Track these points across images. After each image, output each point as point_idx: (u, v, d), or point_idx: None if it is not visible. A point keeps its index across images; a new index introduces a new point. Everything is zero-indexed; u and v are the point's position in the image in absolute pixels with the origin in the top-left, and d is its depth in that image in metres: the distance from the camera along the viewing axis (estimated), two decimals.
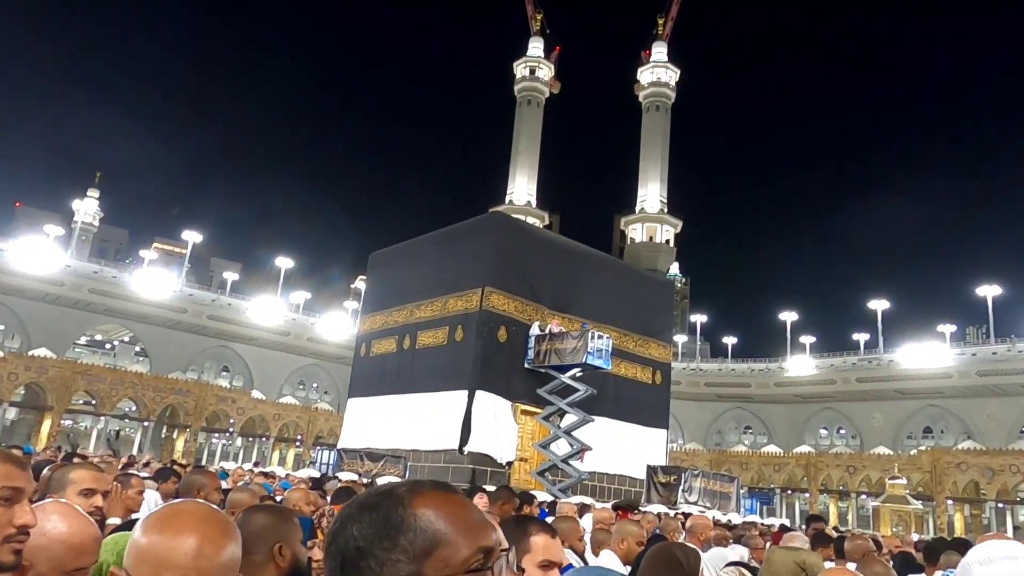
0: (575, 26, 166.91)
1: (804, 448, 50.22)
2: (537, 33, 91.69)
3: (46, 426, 41.35)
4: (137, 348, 57.99)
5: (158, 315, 51.63)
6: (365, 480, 14.90)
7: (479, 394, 18.77)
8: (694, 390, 58.00)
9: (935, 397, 49.05)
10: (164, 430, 47.07)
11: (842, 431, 56.12)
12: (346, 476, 14.73)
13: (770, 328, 59.70)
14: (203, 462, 42.10)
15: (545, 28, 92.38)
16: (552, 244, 22.58)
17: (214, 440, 52.00)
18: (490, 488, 7.95)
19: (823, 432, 57.37)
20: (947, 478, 39.59)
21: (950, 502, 40.55)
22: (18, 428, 47.65)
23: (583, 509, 10.38)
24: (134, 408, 44.96)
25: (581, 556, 5.07)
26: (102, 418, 44.07)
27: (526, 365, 19.73)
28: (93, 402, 43.23)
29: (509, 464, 18.88)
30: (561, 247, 23.14)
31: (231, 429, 47.94)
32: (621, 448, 21.16)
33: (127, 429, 50.46)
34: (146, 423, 44.53)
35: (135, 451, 41.39)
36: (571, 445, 18.39)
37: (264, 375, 56.42)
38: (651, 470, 19.48)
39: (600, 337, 18.60)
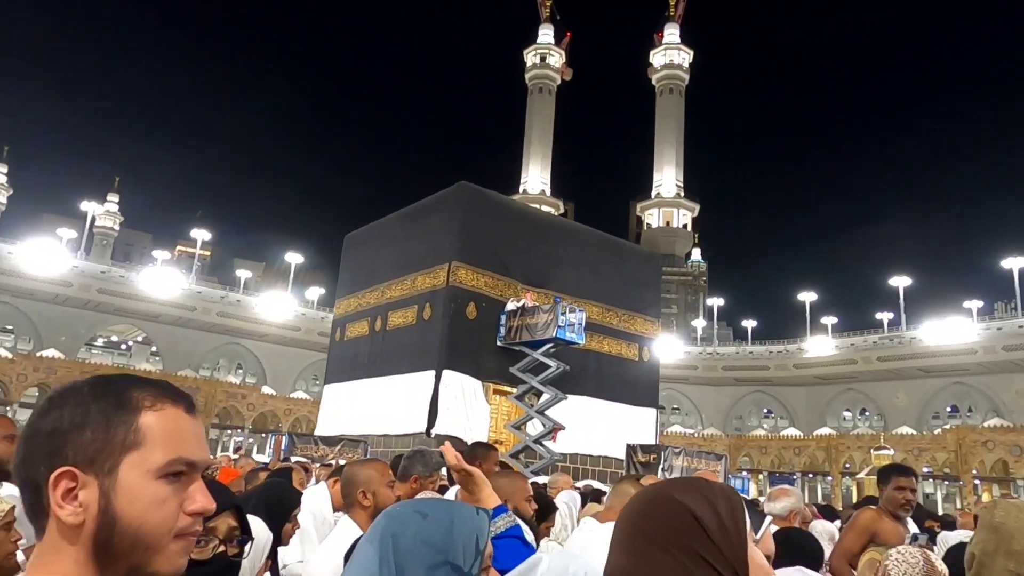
0: (585, 11, 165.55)
1: (825, 430, 48.68)
2: (547, 20, 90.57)
3: None
4: (153, 348, 58.25)
5: (168, 313, 51.76)
6: (316, 464, 14.30)
7: (446, 373, 17.97)
8: (712, 374, 56.71)
9: (960, 374, 47.20)
10: None
11: (866, 412, 54.41)
12: (296, 460, 14.12)
13: (791, 310, 58.13)
14: (216, 455, 42.24)
15: (555, 14, 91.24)
16: (525, 216, 21.65)
17: (227, 435, 52.01)
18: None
19: (847, 414, 55.67)
20: (973, 457, 37.97)
21: (978, 482, 38.97)
22: None
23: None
24: None
25: (529, 523, 4.07)
26: None
27: (498, 343, 18.90)
28: None
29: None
30: (536, 220, 22.25)
31: (247, 425, 47.85)
32: (604, 428, 20.24)
33: None
34: None
35: None
36: (544, 425, 17.56)
37: (276, 371, 56.33)
38: (630, 449, 18.57)
39: (572, 311, 17.70)
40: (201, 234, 57.12)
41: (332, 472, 6.50)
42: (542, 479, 10.50)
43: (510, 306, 19.01)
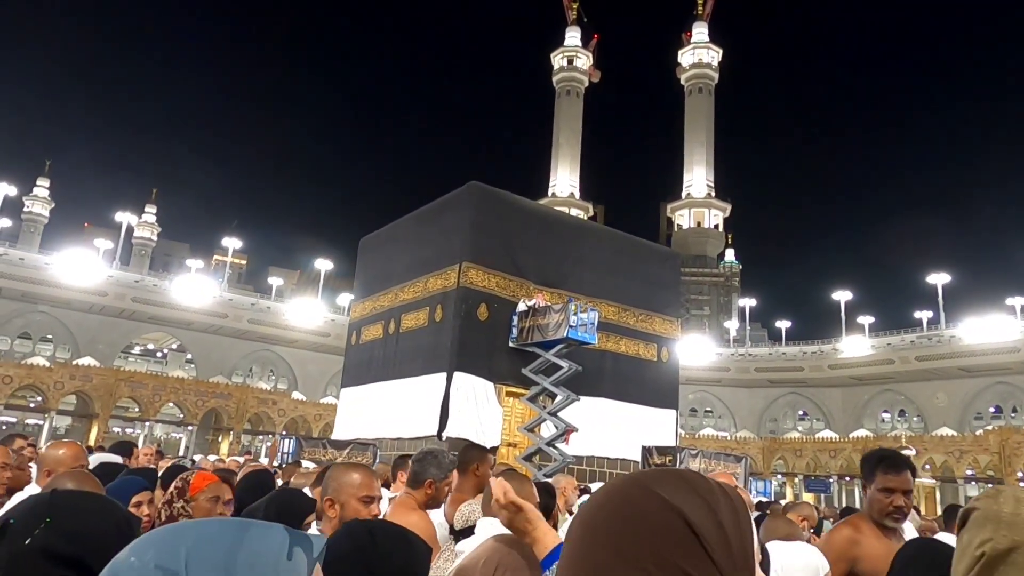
0: (612, 13, 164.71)
1: (862, 432, 47.45)
2: (573, 23, 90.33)
3: (94, 432, 42.41)
4: (187, 356, 59.22)
5: (200, 321, 52.56)
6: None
7: (457, 376, 17.79)
8: (744, 376, 55.70)
9: (1003, 374, 45.61)
10: (209, 433, 47.86)
11: (905, 413, 52.92)
12: (305, 464, 14.08)
13: (826, 310, 56.93)
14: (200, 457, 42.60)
15: (582, 17, 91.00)
16: (538, 216, 21.35)
17: (259, 440, 52.55)
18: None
19: (885, 415, 54.22)
20: (1017, 459, 36.69)
21: (1023, 485, 37.58)
22: (72, 435, 49.19)
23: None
24: (180, 414, 45.74)
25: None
26: (147, 423, 44.98)
27: (510, 344, 18.66)
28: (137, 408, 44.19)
29: (494, 449, 17.87)
30: (549, 219, 21.94)
31: (283, 431, 48.21)
32: (622, 430, 19.85)
33: (171, 433, 51.48)
34: (190, 427, 45.25)
35: (180, 454, 42.18)
36: (557, 427, 17.28)
37: (307, 376, 56.83)
38: (646, 451, 18.18)
39: (584, 310, 17.39)
40: (232, 242, 57.96)
41: (316, 477, 6.26)
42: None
43: (521, 306, 18.77)
